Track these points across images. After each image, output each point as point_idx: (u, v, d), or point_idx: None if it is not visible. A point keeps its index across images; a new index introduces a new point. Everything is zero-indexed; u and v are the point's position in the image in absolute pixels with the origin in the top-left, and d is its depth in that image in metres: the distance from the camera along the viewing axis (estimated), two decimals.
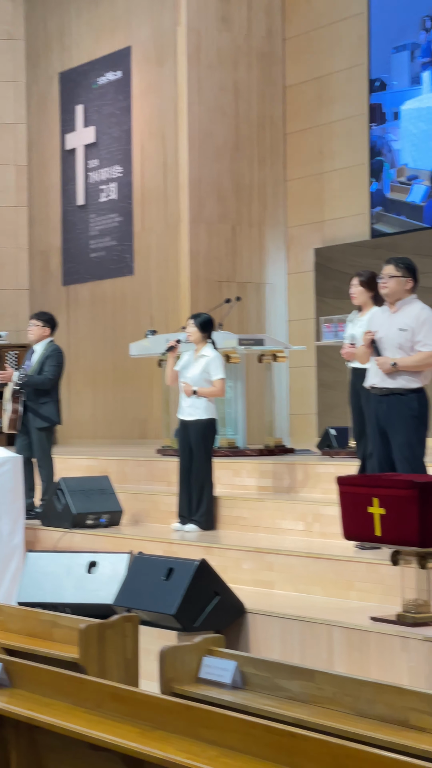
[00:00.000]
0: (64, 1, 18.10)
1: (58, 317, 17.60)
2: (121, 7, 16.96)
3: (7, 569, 10.11)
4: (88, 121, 17.71)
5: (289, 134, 16.25)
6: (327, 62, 15.69)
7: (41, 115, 18.72)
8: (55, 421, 11.78)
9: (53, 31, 18.35)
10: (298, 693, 5.10)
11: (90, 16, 17.60)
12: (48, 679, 5.06)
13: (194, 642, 5.49)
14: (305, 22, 16.00)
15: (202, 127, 15.80)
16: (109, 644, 5.90)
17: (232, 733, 4.32)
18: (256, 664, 5.31)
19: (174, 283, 15.94)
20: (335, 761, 3.98)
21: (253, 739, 4.23)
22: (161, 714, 4.59)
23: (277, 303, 16.26)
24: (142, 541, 10.01)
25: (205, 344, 10.63)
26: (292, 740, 4.14)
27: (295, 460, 11.57)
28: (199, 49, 15.83)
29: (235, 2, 16.02)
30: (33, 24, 18.79)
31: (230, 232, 15.99)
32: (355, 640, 7.43)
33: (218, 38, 15.93)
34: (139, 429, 16.59)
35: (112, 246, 17.21)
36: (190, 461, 10.53)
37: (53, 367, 11.70)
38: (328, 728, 4.64)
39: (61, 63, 18.23)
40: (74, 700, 4.91)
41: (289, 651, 7.81)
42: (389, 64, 14.85)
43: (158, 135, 16.29)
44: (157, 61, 16.34)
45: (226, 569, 8.85)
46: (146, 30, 16.50)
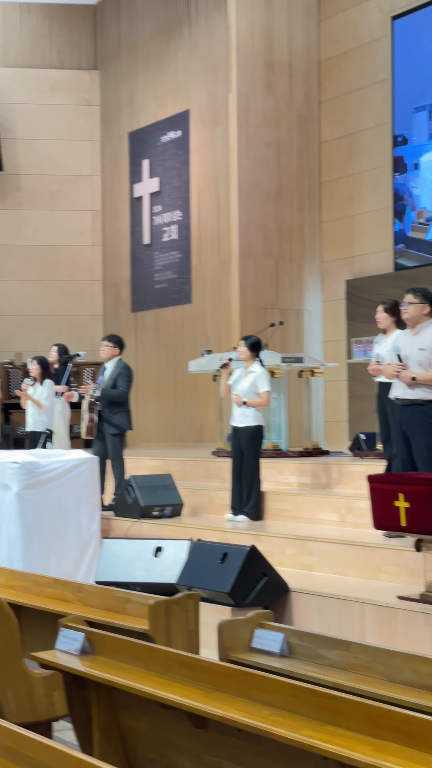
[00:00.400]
0: (133, 72, 18.16)
1: (127, 340, 17.71)
2: (181, 76, 17.00)
3: (86, 553, 10.14)
4: (153, 173, 17.76)
5: (324, 183, 16.22)
6: (356, 121, 15.65)
7: (113, 168, 18.78)
8: (127, 428, 11.81)
9: (124, 97, 18.42)
10: (337, 661, 5.07)
11: (155, 84, 17.65)
12: (123, 647, 5.04)
13: (247, 617, 5.46)
14: (338, 87, 15.97)
15: (249, 178, 15.80)
16: (174, 618, 5.89)
17: (282, 695, 4.30)
18: (300, 636, 5.28)
19: (226, 310, 15.94)
20: (370, 720, 3.95)
21: (299, 701, 4.21)
22: (221, 678, 4.57)
23: (314, 326, 16.22)
24: (200, 530, 10.00)
25: (254, 362, 10.62)
26: (332, 702, 4.11)
27: (330, 461, 11.54)
28: (247, 111, 15.83)
29: (278, 71, 16.02)
30: (107, 91, 18.87)
31: (274, 266, 15.97)
32: (384, 615, 7.38)
33: (263, 102, 15.93)
34: (196, 434, 16.58)
35: (173, 278, 17.23)
36: (241, 461, 10.51)
37: (125, 382, 11.74)
38: (363, 692, 4.61)
39: (130, 124, 18.29)
40: (146, 665, 4.90)
41: (327, 624, 7.78)
42: (410, 122, 14.79)
43: (212, 184, 16.31)
44: (211, 122, 16.36)
45: (272, 554, 8.83)
46: (202, 95, 16.54)
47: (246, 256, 15.78)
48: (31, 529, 9.81)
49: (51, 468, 10.04)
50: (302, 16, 16.19)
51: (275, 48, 16.01)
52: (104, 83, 18.95)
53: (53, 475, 10.05)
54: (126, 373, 11.78)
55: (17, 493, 9.79)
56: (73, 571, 9.92)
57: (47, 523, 9.92)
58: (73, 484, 10.13)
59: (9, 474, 9.87)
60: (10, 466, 9.90)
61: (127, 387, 11.72)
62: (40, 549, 9.84)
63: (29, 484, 9.84)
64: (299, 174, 16.14)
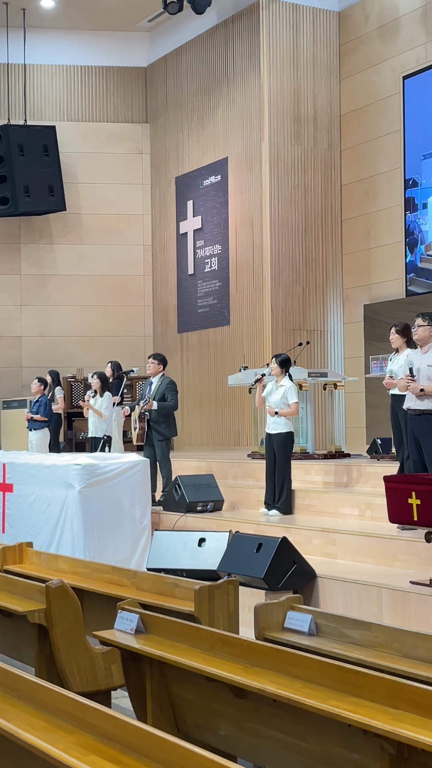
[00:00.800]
0: (178, 124, 18.21)
1: (174, 357, 17.74)
2: (221, 128, 17.03)
3: (139, 543, 10.14)
4: (196, 212, 17.79)
5: (345, 220, 16.18)
6: (373, 167, 15.61)
7: (162, 208, 18.83)
8: (172, 435, 11.81)
9: (171, 146, 18.47)
10: (359, 639, 5.04)
11: (198, 135, 17.69)
12: (173, 627, 5.04)
13: (280, 600, 5.44)
14: (356, 137, 15.94)
15: (280, 216, 15.79)
16: (216, 601, 5.87)
17: (311, 670, 4.28)
18: (326, 618, 5.26)
19: (260, 331, 15.93)
20: (389, 692, 3.93)
21: (326, 675, 4.19)
22: (258, 655, 4.56)
23: (336, 345, 16.18)
24: (238, 523, 9.99)
25: (284, 376, 10.61)
26: (355, 676, 4.09)
27: (350, 462, 11.49)
28: (278, 158, 15.84)
29: (304, 124, 16.01)
30: (156, 142, 18.93)
31: (301, 293, 15.94)
32: (399, 598, 7.34)
33: (292, 150, 15.93)
34: (234, 439, 16.57)
35: (214, 304, 17.24)
36: (274, 463, 10.50)
37: (173, 395, 11.76)
38: (382, 667, 4.58)
39: (176, 170, 18.34)
40: (192, 643, 4.89)
41: (349, 606, 7.74)
42: (420, 167, 14.73)
43: (248, 222, 16.31)
44: (246, 168, 16.37)
45: (300, 544, 8.81)
46: (239, 145, 16.56)
47: (277, 284, 15.77)
48: (91, 523, 9.83)
49: (108, 469, 10.06)
50: (325, 76, 16.19)
51: (302, 103, 16.02)
52: (154, 134, 19.02)
53: (110, 476, 10.07)
54: (172, 388, 11.81)
55: (79, 491, 9.82)
56: (127, 559, 9.93)
57: (105, 517, 9.94)
58: (128, 483, 10.15)
59: (72, 474, 9.91)
60: (73, 467, 9.93)
61: (175, 399, 11.77)
62: (99, 540, 9.86)
63: (89, 483, 9.87)
64: (323, 213, 16.12)
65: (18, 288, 18.77)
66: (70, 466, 9.96)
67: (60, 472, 10.09)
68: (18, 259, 18.78)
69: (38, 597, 5.87)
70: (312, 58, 16.12)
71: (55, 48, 18.82)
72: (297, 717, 4.11)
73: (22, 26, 18.05)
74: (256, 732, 4.35)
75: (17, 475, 10.85)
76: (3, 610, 6.09)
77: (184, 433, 17.62)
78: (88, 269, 18.87)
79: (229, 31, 16.78)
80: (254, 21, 16.09)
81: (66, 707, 3.73)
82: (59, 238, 18.85)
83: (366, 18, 15.76)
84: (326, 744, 3.98)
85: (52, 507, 10.14)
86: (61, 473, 10.05)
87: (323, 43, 16.22)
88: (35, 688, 3.94)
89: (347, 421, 15.80)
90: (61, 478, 10.04)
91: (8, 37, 18.16)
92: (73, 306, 18.81)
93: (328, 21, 16.25)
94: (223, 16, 16.85)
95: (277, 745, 4.23)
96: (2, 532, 10.98)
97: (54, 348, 18.61)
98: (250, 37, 16.22)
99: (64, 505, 9.97)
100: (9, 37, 18.16)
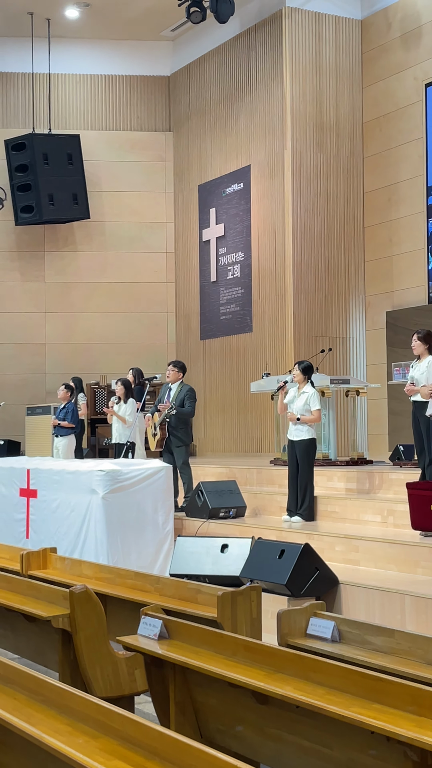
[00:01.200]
0: (201, 133, 18.24)
1: (197, 364, 17.75)
2: (243, 136, 17.05)
3: (162, 549, 10.14)
4: (218, 220, 17.80)
5: (367, 227, 16.16)
6: (395, 174, 15.59)
7: (185, 215, 18.85)
8: (188, 442, 11.80)
9: (194, 154, 18.50)
10: (382, 646, 5.02)
11: (221, 143, 17.71)
12: (196, 633, 5.03)
13: (303, 606, 5.43)
14: (379, 144, 15.92)
15: (302, 224, 15.79)
16: (239, 607, 5.86)
17: (334, 677, 4.27)
18: (349, 624, 5.24)
19: (282, 338, 15.92)
20: (413, 700, 3.91)
21: (349, 682, 4.17)
22: (281, 661, 4.55)
23: (359, 352, 16.14)
24: (260, 529, 9.97)
25: (306, 383, 10.59)
26: (379, 683, 4.08)
27: (373, 469, 11.45)
28: (300, 166, 15.84)
29: (327, 131, 16.01)
30: (179, 150, 18.97)
31: (323, 300, 15.93)
32: (422, 605, 7.31)
33: (314, 158, 15.92)
34: (256, 445, 16.55)
35: (237, 311, 17.24)
36: (296, 469, 10.47)
37: (192, 402, 11.75)
38: (405, 674, 4.56)
39: (199, 178, 18.36)
40: (216, 649, 4.88)
41: (371, 613, 7.71)
42: None
43: (270, 230, 16.31)
44: (269, 175, 16.38)
45: (323, 550, 8.78)
46: (261, 153, 16.56)
47: (299, 291, 15.76)
48: (114, 528, 9.84)
49: (131, 475, 10.07)
50: (348, 84, 16.19)
51: (324, 111, 16.02)
52: (177, 143, 19.05)
53: (133, 481, 10.07)
54: (191, 395, 11.80)
55: (102, 497, 9.84)
56: (150, 564, 9.93)
57: (128, 523, 9.95)
58: (151, 489, 10.15)
59: (96, 480, 9.92)
60: (96, 473, 9.95)
61: (193, 407, 11.76)
62: (122, 545, 9.87)
63: (113, 489, 9.88)
64: (345, 220, 16.10)
65: (42, 295, 18.83)
66: (94, 472, 9.98)
67: (84, 478, 10.11)
68: (42, 266, 18.85)
69: (62, 602, 5.88)
70: (334, 66, 16.12)
71: (80, 57, 18.90)
72: (320, 723, 4.09)
73: (47, 36, 18.14)
74: (278, 738, 4.33)
75: (41, 481, 10.88)
76: (27, 615, 6.10)
77: (207, 439, 17.62)
78: (112, 277, 18.92)
79: (251, 39, 16.80)
80: (277, 29, 16.10)
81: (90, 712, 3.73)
82: (83, 246, 18.91)
83: (389, 26, 15.75)
84: (349, 751, 3.97)
85: (76, 513, 10.16)
86: (85, 479, 10.07)
87: (346, 51, 16.22)
88: (60, 692, 3.94)
89: (369, 427, 15.75)
90: (85, 484, 10.06)
91: (33, 47, 18.25)
92: (97, 313, 18.86)
93: (351, 29, 16.25)
94: (246, 24, 16.88)
95: (300, 752, 4.21)
96: (26, 537, 11.01)
97: (78, 355, 18.67)
98: (272, 46, 16.23)
99: (88, 511, 9.98)
100: (34, 46, 18.25)
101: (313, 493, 10.51)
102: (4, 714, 3.79)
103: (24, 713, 3.92)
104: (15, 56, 18.68)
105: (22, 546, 10.17)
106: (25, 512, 11.09)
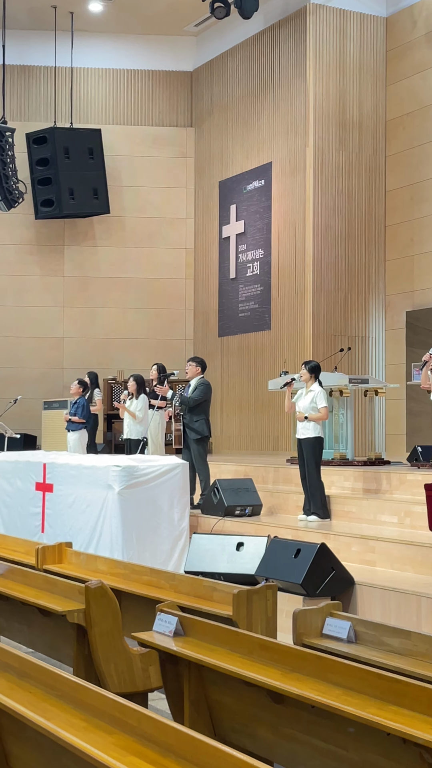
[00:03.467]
0: (223, 129, 18.23)
1: (214, 361, 17.75)
2: (266, 133, 17.03)
3: (177, 546, 10.15)
4: (239, 217, 17.79)
5: (388, 227, 16.12)
6: (418, 173, 15.54)
7: (205, 212, 18.85)
8: (206, 435, 11.78)
9: (215, 150, 18.50)
10: (398, 648, 5.01)
11: (242, 139, 17.70)
12: (212, 631, 5.04)
13: (319, 606, 5.42)
14: (402, 143, 15.88)
15: (323, 222, 15.76)
16: (255, 605, 5.86)
17: (350, 678, 4.26)
18: (366, 625, 5.23)
19: (301, 336, 15.90)
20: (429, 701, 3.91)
21: (367, 683, 4.17)
22: (297, 661, 4.54)
23: (378, 352, 16.11)
24: (276, 528, 9.97)
25: (313, 382, 10.59)
26: (395, 684, 4.07)
27: (390, 470, 11.43)
28: (322, 164, 15.81)
29: (349, 129, 15.98)
30: (200, 146, 18.96)
31: (343, 298, 15.90)
32: None
33: (336, 156, 15.89)
34: (273, 443, 16.55)
35: (255, 308, 17.23)
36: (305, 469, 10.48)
37: (200, 393, 11.73)
38: (422, 676, 4.55)
39: (220, 174, 18.36)
40: (231, 647, 4.88)
41: (387, 615, 7.70)
42: None
43: (291, 227, 16.29)
44: (290, 172, 16.35)
45: (339, 550, 8.78)
46: (283, 150, 16.54)
47: (319, 289, 15.74)
48: (129, 524, 9.85)
49: (148, 471, 10.08)
50: (371, 81, 16.15)
51: (347, 109, 15.98)
52: (198, 139, 19.05)
53: (149, 478, 10.08)
54: (203, 388, 11.79)
55: (118, 493, 9.84)
56: (165, 561, 9.94)
57: (144, 519, 9.96)
58: (167, 485, 10.16)
59: (112, 476, 9.93)
60: (113, 469, 9.96)
61: (199, 395, 11.70)
62: (137, 541, 9.88)
63: (129, 485, 9.89)
64: (367, 219, 16.07)
65: (61, 289, 18.87)
66: (110, 467, 9.99)
67: (100, 473, 10.12)
68: (61, 260, 18.88)
69: (77, 597, 5.89)
70: (358, 64, 16.08)
71: (102, 51, 18.92)
72: (335, 724, 4.09)
73: (70, 30, 18.16)
74: (293, 738, 4.33)
75: (57, 475, 10.91)
76: (42, 609, 6.12)
77: (223, 436, 17.62)
78: (131, 272, 18.94)
79: (275, 35, 16.78)
80: (301, 26, 16.07)
81: (106, 708, 3.74)
82: (102, 241, 18.94)
83: (414, 24, 15.70)
84: (365, 752, 3.96)
85: (92, 508, 10.17)
86: (101, 474, 10.09)
87: (370, 48, 16.18)
88: (75, 687, 3.95)
89: (387, 428, 15.72)
90: (101, 479, 10.07)
91: (56, 41, 18.27)
92: (115, 308, 18.88)
93: (375, 27, 16.21)
94: (270, 21, 16.85)
95: (315, 752, 4.21)
96: (42, 531, 11.04)
97: (95, 350, 18.69)
98: (296, 42, 16.21)
99: (104, 506, 10.00)
100: (57, 40, 18.27)
101: (323, 490, 10.48)
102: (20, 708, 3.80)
103: (39, 708, 3.93)
104: (38, 50, 18.71)
105: (38, 540, 10.20)
106: (41, 506, 11.11)
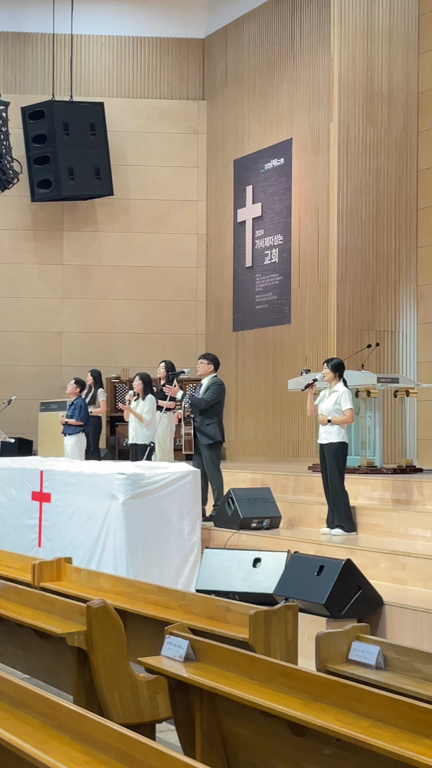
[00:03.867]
0: (238, 102, 18.24)
1: (228, 358, 17.76)
2: (285, 106, 17.03)
3: (187, 561, 10.15)
4: (255, 199, 17.80)
5: (421, 210, 16.10)
6: None
7: (218, 193, 18.87)
8: (219, 439, 11.78)
9: (229, 126, 18.51)
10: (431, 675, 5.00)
11: (259, 113, 17.71)
12: (226, 656, 5.04)
13: (345, 629, 5.42)
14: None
15: (349, 205, 15.75)
16: (274, 628, 5.85)
17: (380, 708, 4.26)
18: (396, 650, 5.22)
19: (324, 331, 15.90)
20: None
21: (398, 714, 4.16)
22: (320, 689, 4.54)
23: (409, 348, 16.09)
24: (297, 542, 9.96)
25: (337, 382, 10.57)
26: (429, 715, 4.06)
27: (423, 478, 11.40)
28: (348, 140, 15.80)
29: (378, 102, 15.96)
30: (213, 121, 18.98)
31: (370, 289, 15.88)
32: None
33: (363, 132, 15.88)
34: (293, 449, 16.55)
35: (274, 300, 17.24)
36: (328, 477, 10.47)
37: (212, 394, 11.75)
38: None
39: (235, 152, 18.37)
40: (248, 674, 4.88)
41: (419, 638, 7.69)
42: None
43: (313, 211, 16.29)
44: (313, 150, 16.35)
45: (366, 567, 8.77)
46: (305, 125, 16.54)
47: (344, 279, 15.72)
48: (135, 538, 9.86)
49: (155, 479, 10.08)
50: (402, 49, 16.12)
51: (375, 80, 15.96)
52: (211, 113, 19.07)
53: (157, 486, 10.08)
54: (215, 389, 11.80)
55: (123, 503, 9.85)
56: (174, 578, 9.94)
57: (151, 532, 9.96)
58: (176, 495, 10.16)
59: (116, 484, 9.94)
60: (117, 476, 9.97)
61: (211, 397, 11.72)
62: (143, 557, 9.88)
63: (134, 495, 9.90)
64: (397, 201, 16.04)
65: (59, 279, 18.90)
66: (114, 475, 10.00)
67: (102, 482, 10.13)
68: (60, 247, 18.91)
69: (78, 618, 5.90)
70: (388, 30, 16.05)
71: (105, 17, 18.94)
72: (363, 758, 4.08)
73: None
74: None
75: (56, 483, 10.92)
76: (39, 631, 6.12)
77: (238, 441, 17.63)
78: (137, 260, 18.96)
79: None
80: None
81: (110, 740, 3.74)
82: (105, 226, 18.96)
83: None
84: None
85: (93, 519, 10.19)
86: (104, 483, 10.10)
87: (400, 13, 16.14)
88: (76, 717, 3.96)
89: (419, 432, 15.69)
90: (104, 488, 10.08)
91: (54, 5, 18.29)
92: (119, 300, 18.91)
93: None
94: None
95: None
96: (38, 545, 11.05)
97: (97, 345, 18.72)
98: (319, 6, 16.20)
99: (107, 518, 10.01)
100: (55, 4, 18.29)
101: (347, 500, 10.45)
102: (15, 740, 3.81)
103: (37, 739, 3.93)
104: (34, 15, 18.75)
105: (34, 555, 10.22)
106: (37, 518, 11.13)
